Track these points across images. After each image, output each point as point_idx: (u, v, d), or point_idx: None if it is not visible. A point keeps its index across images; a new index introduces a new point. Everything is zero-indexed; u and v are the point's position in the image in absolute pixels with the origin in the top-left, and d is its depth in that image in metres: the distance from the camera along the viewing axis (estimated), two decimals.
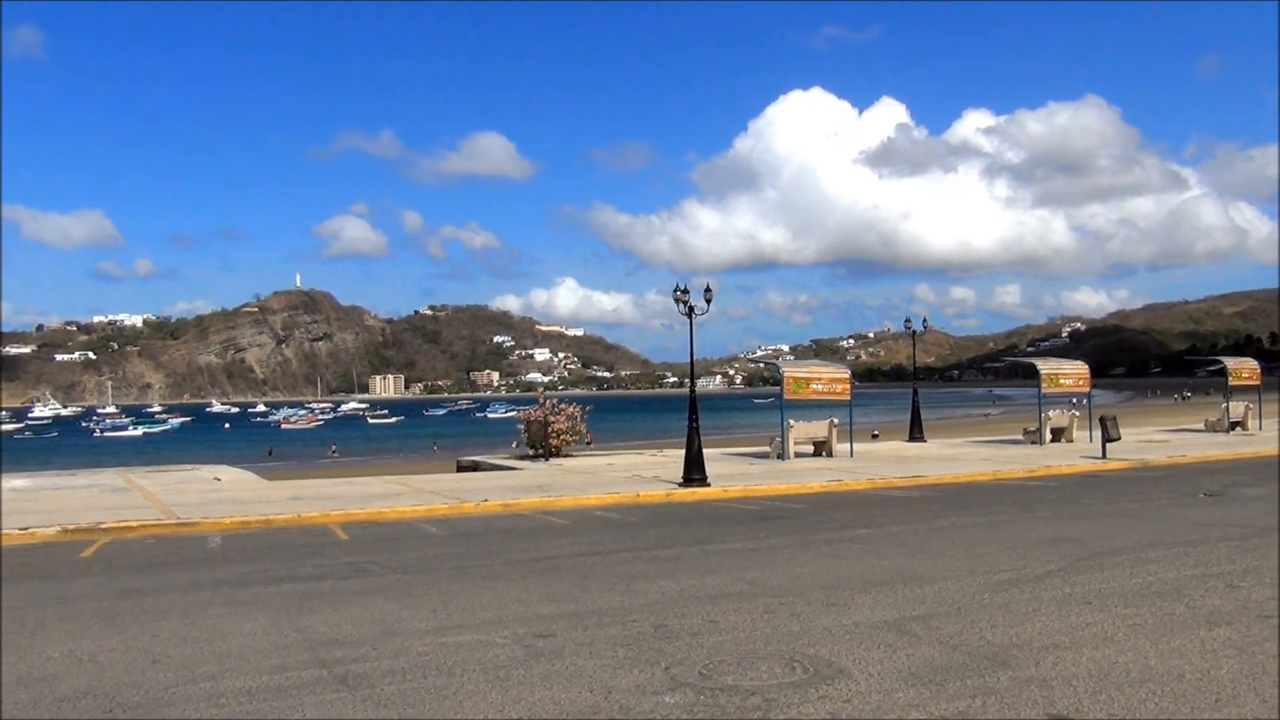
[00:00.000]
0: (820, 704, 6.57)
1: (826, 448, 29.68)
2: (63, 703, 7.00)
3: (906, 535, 14.50)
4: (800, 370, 30.32)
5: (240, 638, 8.81)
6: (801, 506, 18.48)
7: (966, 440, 38.84)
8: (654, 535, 15.21)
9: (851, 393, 30.27)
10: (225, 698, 7.01)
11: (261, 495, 21.79)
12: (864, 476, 23.04)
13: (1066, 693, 6.69)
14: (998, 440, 36.97)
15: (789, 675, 7.24)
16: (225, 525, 17.07)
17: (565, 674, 7.40)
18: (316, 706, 6.77)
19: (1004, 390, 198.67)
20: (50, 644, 8.72)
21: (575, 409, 31.90)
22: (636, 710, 6.55)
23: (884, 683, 7.01)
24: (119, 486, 24.00)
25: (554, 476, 24.61)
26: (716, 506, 18.99)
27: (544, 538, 15.24)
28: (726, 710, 6.48)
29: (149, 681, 7.47)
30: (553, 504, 19.27)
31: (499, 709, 6.64)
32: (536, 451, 31.18)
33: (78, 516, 17.67)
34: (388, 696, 6.96)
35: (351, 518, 17.84)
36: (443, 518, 18.00)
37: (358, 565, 12.86)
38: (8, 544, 15.55)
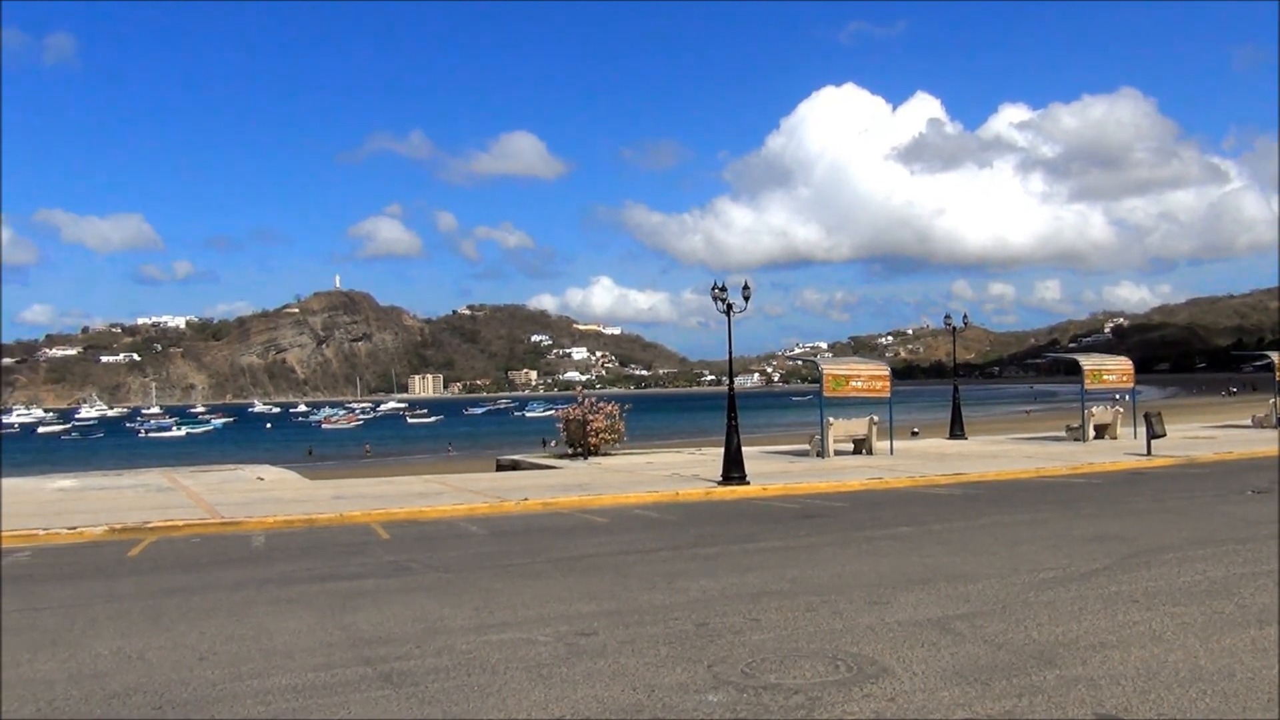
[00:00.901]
0: (864, 703, 6.54)
1: (866, 445, 29.52)
2: (113, 699, 7.10)
3: (949, 533, 14.40)
4: (839, 367, 30.18)
5: (286, 635, 8.89)
6: (842, 504, 18.39)
7: (1008, 437, 38.51)
8: (694, 533, 15.19)
9: (891, 390, 30.08)
10: (272, 695, 7.08)
11: (304, 494, 21.99)
12: (904, 474, 22.90)
13: (1115, 692, 6.61)
14: (1040, 437, 36.62)
15: (832, 674, 7.20)
16: (269, 524, 17.24)
17: (608, 672, 7.41)
18: (362, 704, 6.82)
19: (1045, 387, 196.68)
20: (100, 641, 8.85)
21: (614, 407, 31.93)
22: (680, 708, 6.54)
23: (929, 681, 6.96)
24: (164, 486, 24.31)
25: (593, 475, 24.65)
26: (756, 505, 18.94)
27: (584, 536, 15.27)
28: (770, 709, 6.46)
29: (197, 679, 7.56)
30: (592, 502, 19.31)
31: (542, 707, 6.66)
32: (575, 450, 31.26)
33: (124, 516, 17.91)
34: (432, 694, 7.00)
35: (392, 517, 17.96)
36: (483, 516, 18.08)
37: (400, 564, 12.95)
38: (58, 543, 15.80)
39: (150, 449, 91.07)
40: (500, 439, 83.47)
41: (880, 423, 30.01)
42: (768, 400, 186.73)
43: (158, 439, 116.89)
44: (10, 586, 12.04)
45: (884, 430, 29.93)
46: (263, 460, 44.77)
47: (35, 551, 14.98)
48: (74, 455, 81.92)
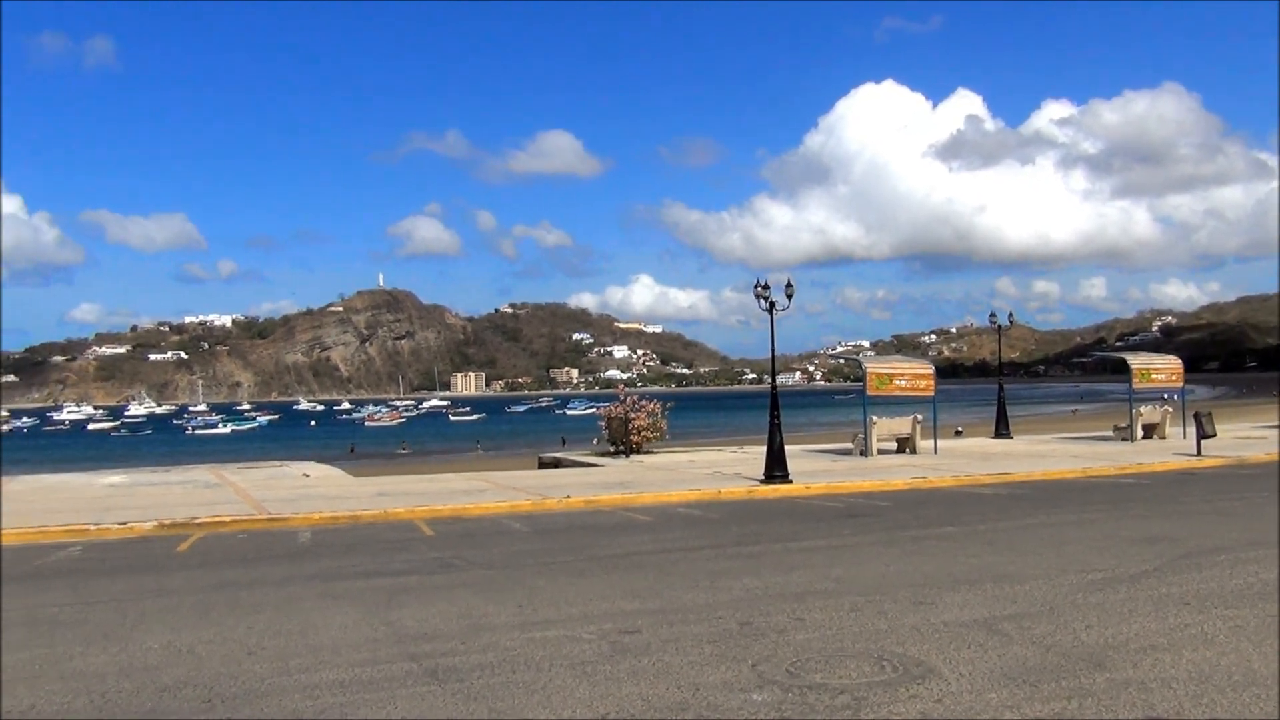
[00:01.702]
0: (911, 703, 6.49)
1: (910, 444, 29.32)
2: (164, 693, 7.19)
3: (994, 533, 14.26)
4: (883, 366, 29.99)
5: (332, 631, 8.97)
6: (886, 504, 18.28)
7: (1054, 437, 38.11)
8: (737, 532, 15.16)
9: (935, 389, 29.85)
10: (319, 689, 7.15)
11: (348, 491, 22.18)
12: (949, 473, 22.71)
13: (1166, 695, 6.51)
14: (1087, 437, 36.20)
15: (878, 674, 7.16)
16: (314, 520, 17.41)
17: (652, 670, 7.41)
18: (407, 699, 6.86)
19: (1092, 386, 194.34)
20: (150, 636, 8.97)
21: (656, 405, 31.92)
22: (724, 707, 6.53)
23: (975, 683, 6.89)
24: (212, 482, 24.62)
25: (635, 473, 24.67)
26: (799, 503, 18.87)
27: (627, 534, 15.28)
28: (815, 708, 6.43)
29: (245, 673, 7.64)
30: (635, 500, 19.32)
31: (587, 704, 6.67)
32: (617, 448, 31.30)
33: (173, 511, 18.16)
34: (477, 690, 7.03)
35: (436, 514, 18.07)
36: (526, 514, 18.15)
37: (444, 560, 13.03)
38: (109, 538, 16.05)
39: (197, 446, 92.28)
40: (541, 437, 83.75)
41: (924, 421, 29.81)
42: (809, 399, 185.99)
43: (204, 436, 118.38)
44: (62, 581, 12.25)
45: (928, 429, 29.72)
46: (306, 457, 45.21)
47: (86, 546, 15.22)
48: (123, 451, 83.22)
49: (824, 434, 58.33)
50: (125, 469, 33.49)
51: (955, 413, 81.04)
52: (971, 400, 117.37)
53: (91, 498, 21.47)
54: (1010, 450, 30.20)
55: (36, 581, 12.27)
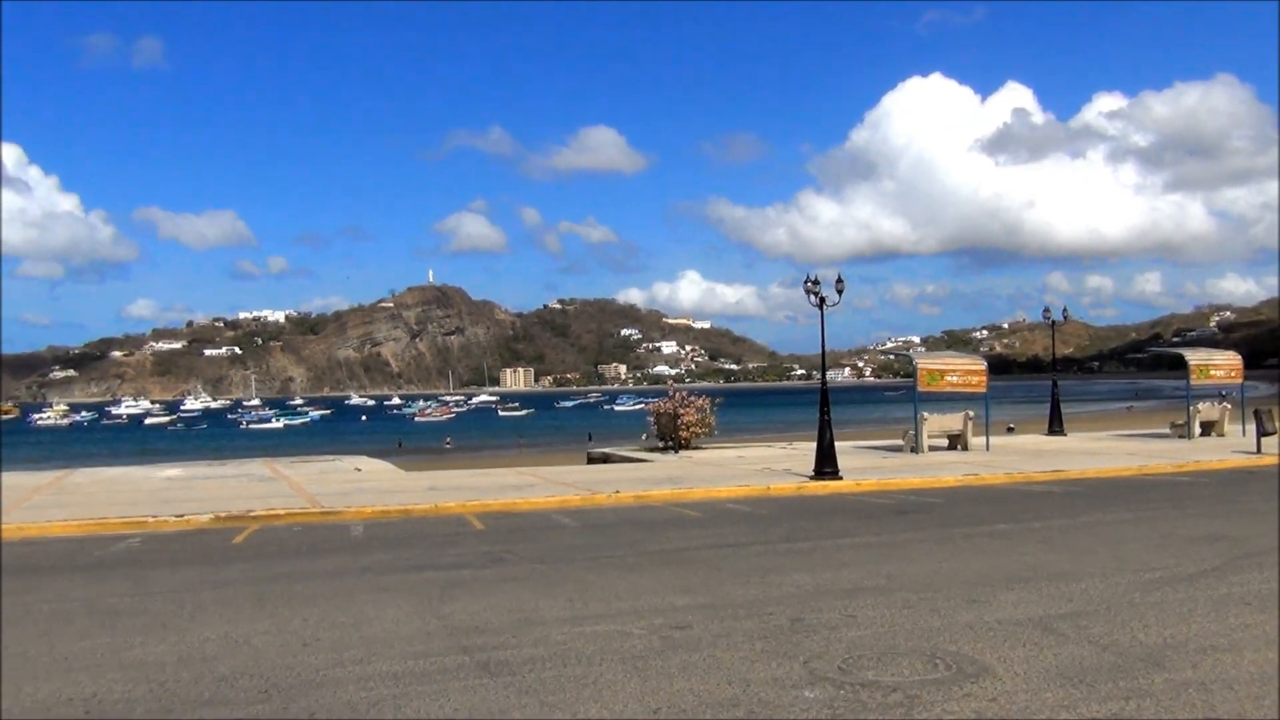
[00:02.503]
0: (965, 702, 6.43)
1: (961, 441, 29.04)
2: (221, 682, 7.30)
3: (1049, 531, 14.08)
4: (934, 362, 29.72)
5: (385, 623, 9.06)
6: (937, 500, 18.12)
7: (1109, 434, 37.57)
8: (787, 528, 15.10)
9: (987, 385, 29.53)
10: (373, 681, 7.22)
11: (400, 485, 22.38)
12: (1001, 470, 22.47)
13: (1227, 697, 6.40)
14: (1142, 434, 35.65)
15: (931, 672, 7.10)
16: (367, 514, 17.58)
17: (703, 665, 7.40)
18: (461, 692, 6.91)
19: (1148, 382, 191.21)
20: (207, 626, 9.11)
21: (705, 401, 31.85)
22: (776, 703, 6.51)
23: (1031, 682, 6.82)
24: (266, 476, 24.94)
25: (684, 469, 24.66)
26: (849, 500, 18.76)
27: (676, 529, 15.27)
28: (868, 706, 6.39)
29: (301, 664, 7.74)
30: (684, 496, 19.31)
31: (638, 699, 6.67)
32: (666, 444, 31.29)
33: (229, 504, 18.42)
34: (529, 684, 7.06)
35: (487, 508, 18.18)
36: (575, 509, 18.20)
37: (495, 554, 13.10)
38: (166, 530, 16.32)
39: (251, 440, 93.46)
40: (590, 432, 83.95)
41: (976, 418, 29.51)
42: (859, 395, 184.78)
43: (258, 430, 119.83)
44: (122, 571, 12.48)
45: (979, 426, 29.42)
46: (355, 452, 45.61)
47: (145, 538, 15.49)
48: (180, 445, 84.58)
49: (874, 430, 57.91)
50: (182, 462, 34.03)
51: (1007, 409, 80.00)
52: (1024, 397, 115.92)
53: (149, 490, 21.83)
54: (1064, 447, 29.81)
55: (97, 572, 12.51)
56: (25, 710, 6.74)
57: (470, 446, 74.87)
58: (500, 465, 34.46)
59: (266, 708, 6.68)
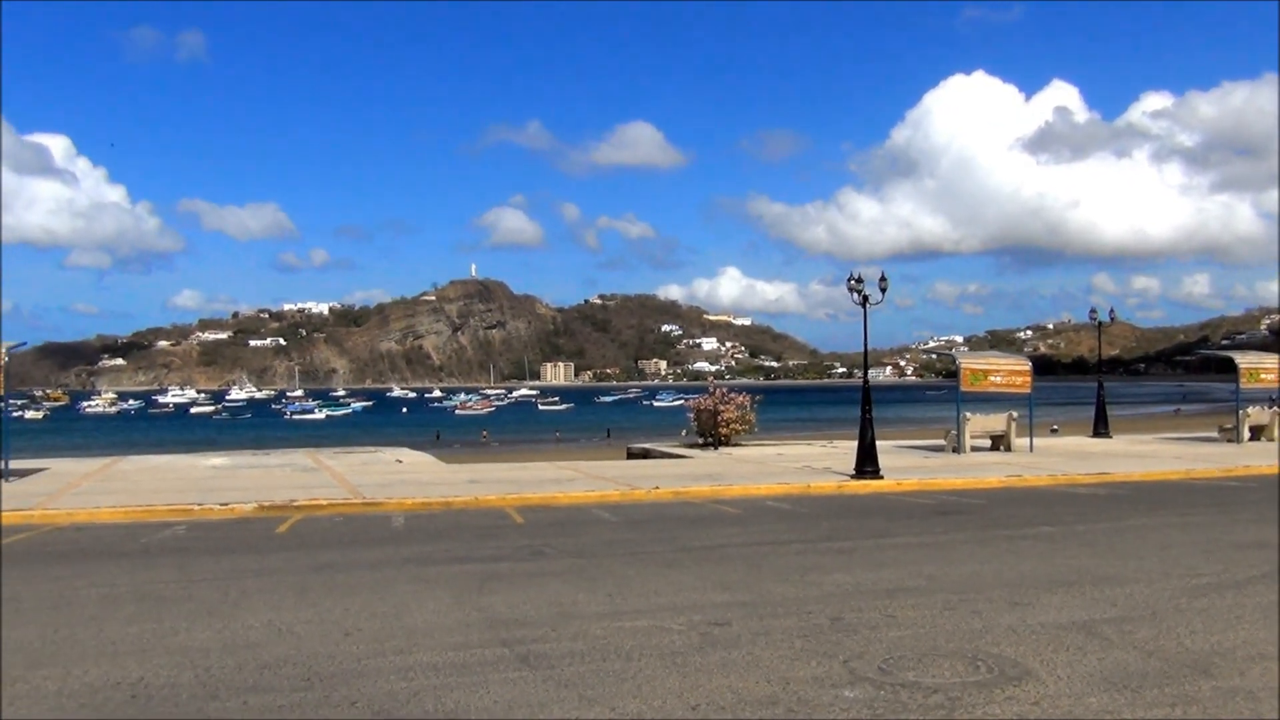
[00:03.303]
0: (1007, 705, 6.37)
1: (1004, 442, 28.76)
2: (265, 669, 7.38)
3: (1093, 534, 13.92)
4: (978, 361, 29.46)
5: (425, 614, 9.12)
6: (980, 501, 17.96)
7: (1155, 437, 37.07)
8: (827, 527, 15.04)
9: (1032, 385, 29.23)
10: (414, 671, 7.27)
11: (440, 478, 22.51)
12: (1045, 472, 22.24)
13: (1276, 706, 6.29)
14: (1190, 437, 35.14)
15: (972, 674, 7.04)
16: (407, 506, 17.70)
17: (742, 663, 7.39)
18: (500, 684, 6.94)
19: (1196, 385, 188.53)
20: (251, 614, 9.21)
21: (745, 398, 31.79)
22: (816, 703, 6.48)
23: (1074, 686, 6.74)
24: (309, 466, 25.19)
25: (724, 465, 24.62)
26: (890, 499, 18.65)
27: (715, 526, 15.26)
28: (909, 707, 6.35)
29: (342, 653, 7.81)
30: (723, 493, 19.28)
31: (677, 695, 6.67)
32: (706, 440, 31.26)
33: (272, 494, 18.62)
34: (568, 677, 7.08)
35: (526, 501, 18.25)
36: (614, 504, 18.22)
37: (534, 548, 13.15)
38: (212, 518, 16.52)
39: (294, 430, 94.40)
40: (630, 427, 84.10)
41: (1019, 419, 29.22)
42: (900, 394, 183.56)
43: (301, 421, 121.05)
44: (168, 558, 12.66)
45: (1023, 426, 29.12)
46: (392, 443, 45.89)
47: (190, 525, 15.69)
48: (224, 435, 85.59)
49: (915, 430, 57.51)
50: (227, 452, 34.42)
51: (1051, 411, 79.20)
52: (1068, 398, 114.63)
53: (195, 479, 22.12)
54: (1109, 450, 29.45)
55: (144, 558, 12.70)
56: (74, 693, 6.85)
57: (506, 440, 75.18)
58: (539, 459, 34.59)
59: (309, 696, 6.75)
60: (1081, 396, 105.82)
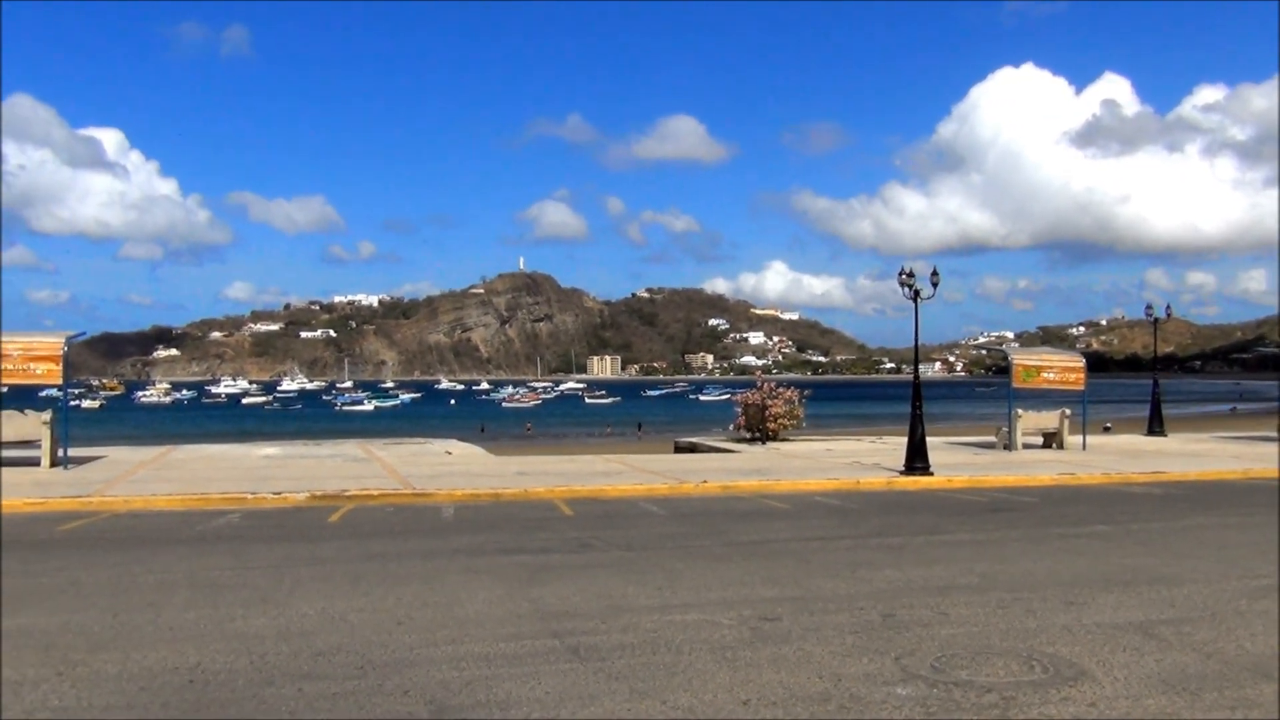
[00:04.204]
0: (1063, 705, 6.30)
1: (1057, 439, 28.42)
2: (319, 657, 7.47)
3: (1149, 533, 13.71)
4: (1030, 358, 29.12)
5: (476, 605, 9.17)
6: (1032, 499, 17.76)
7: (1211, 436, 36.43)
8: (877, 523, 14.94)
9: (1085, 382, 28.83)
10: (465, 661, 7.32)
11: (489, 469, 22.63)
12: (1099, 470, 21.94)
13: None
14: (1247, 436, 34.48)
15: (1027, 674, 6.96)
16: (457, 497, 17.82)
17: (793, 658, 7.36)
18: (551, 675, 6.97)
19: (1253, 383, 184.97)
20: (305, 601, 9.32)
21: (793, 393, 31.65)
22: (868, 699, 6.44)
23: (1131, 688, 6.65)
24: (360, 457, 25.43)
25: (772, 460, 24.53)
26: (940, 496, 18.48)
27: (764, 521, 15.21)
28: (962, 706, 6.29)
29: (395, 642, 7.88)
30: (772, 488, 19.21)
31: (728, 689, 6.66)
32: (753, 435, 31.17)
33: (324, 484, 18.82)
34: (618, 670, 7.10)
35: (575, 494, 18.30)
36: (662, 497, 18.22)
37: (583, 540, 13.18)
38: (265, 507, 16.73)
39: (344, 421, 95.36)
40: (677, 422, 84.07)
41: (1072, 416, 28.84)
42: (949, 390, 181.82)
43: (350, 412, 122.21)
44: (223, 546, 12.84)
45: (1076, 424, 28.75)
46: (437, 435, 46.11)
47: (244, 514, 15.90)
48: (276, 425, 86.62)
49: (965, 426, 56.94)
50: (279, 441, 34.85)
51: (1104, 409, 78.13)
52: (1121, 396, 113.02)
53: (248, 468, 22.41)
54: (1164, 448, 28.99)
55: (200, 545, 12.88)
56: (134, 676, 6.96)
57: (549, 433, 75.47)
58: (586, 452, 34.67)
59: (362, 684, 6.81)
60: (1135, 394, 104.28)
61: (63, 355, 21.29)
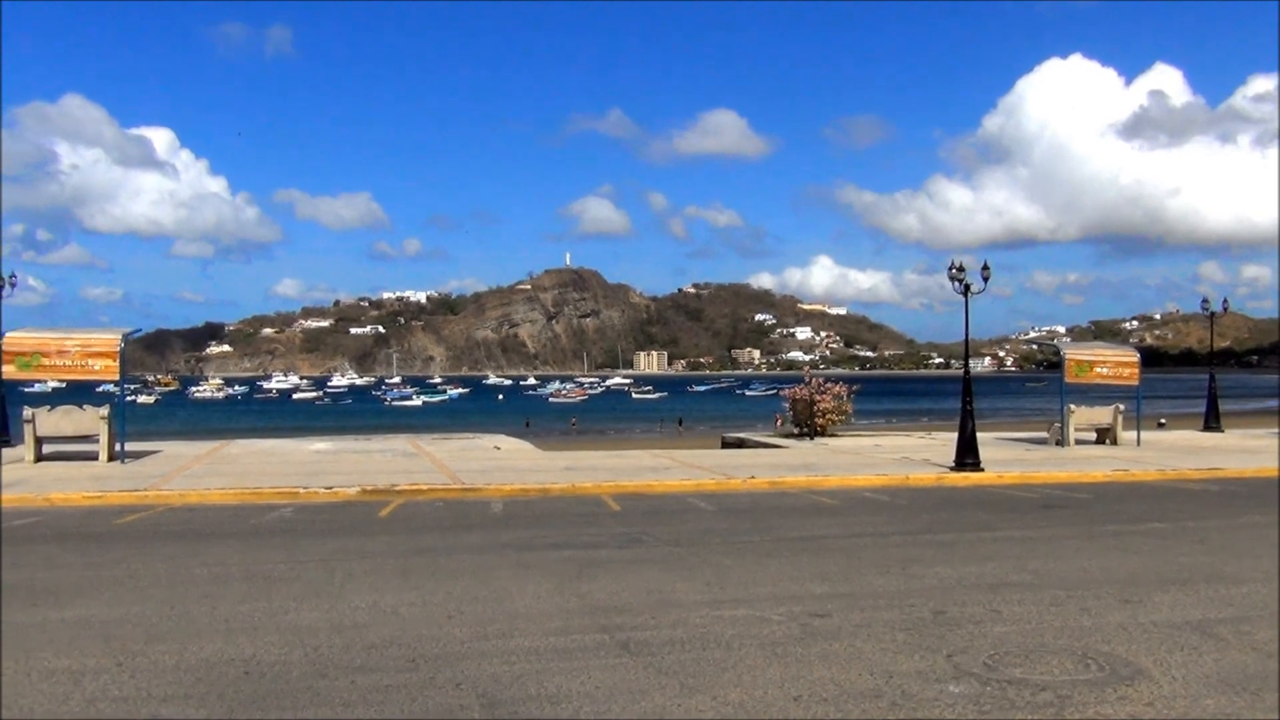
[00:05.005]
0: (1119, 705, 6.21)
1: (1110, 435, 28.02)
2: (371, 650, 7.54)
3: (1206, 531, 13.47)
4: (1083, 352, 28.70)
5: (526, 599, 9.21)
6: (1085, 496, 17.52)
7: (1269, 431, 35.69)
8: (927, 519, 14.81)
9: (1140, 377, 28.38)
10: (515, 656, 7.35)
11: (537, 464, 22.72)
12: (1154, 467, 21.60)
13: None
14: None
15: (1082, 672, 6.87)
16: (506, 492, 17.91)
17: (844, 655, 7.32)
18: (601, 670, 6.99)
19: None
20: (357, 595, 9.41)
21: (842, 388, 31.45)
22: (919, 697, 6.39)
23: (1190, 687, 6.54)
24: (409, 452, 25.63)
25: (820, 456, 24.41)
26: (991, 492, 18.29)
27: (813, 517, 15.14)
28: (1016, 705, 6.22)
29: (446, 635, 7.93)
30: (820, 483, 19.12)
31: (778, 685, 6.64)
32: (801, 430, 31.02)
33: (374, 478, 19.00)
34: (668, 665, 7.10)
35: (622, 489, 18.32)
36: (710, 493, 18.19)
37: (631, 535, 13.19)
38: (317, 501, 16.92)
39: (393, 416, 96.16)
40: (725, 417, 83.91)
41: (1126, 411, 28.42)
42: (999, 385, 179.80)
43: (399, 407, 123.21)
44: (276, 539, 13.00)
45: (1130, 419, 28.32)
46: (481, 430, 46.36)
47: (296, 508, 16.09)
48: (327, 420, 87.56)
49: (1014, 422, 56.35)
50: (330, 437, 35.22)
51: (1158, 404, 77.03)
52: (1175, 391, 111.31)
53: (299, 462, 22.67)
54: (1220, 444, 28.48)
55: (254, 539, 13.06)
56: (191, 667, 7.07)
57: (593, 428, 75.62)
58: (634, 447, 34.69)
59: (414, 677, 6.86)
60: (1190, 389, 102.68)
61: (120, 351, 21.65)
